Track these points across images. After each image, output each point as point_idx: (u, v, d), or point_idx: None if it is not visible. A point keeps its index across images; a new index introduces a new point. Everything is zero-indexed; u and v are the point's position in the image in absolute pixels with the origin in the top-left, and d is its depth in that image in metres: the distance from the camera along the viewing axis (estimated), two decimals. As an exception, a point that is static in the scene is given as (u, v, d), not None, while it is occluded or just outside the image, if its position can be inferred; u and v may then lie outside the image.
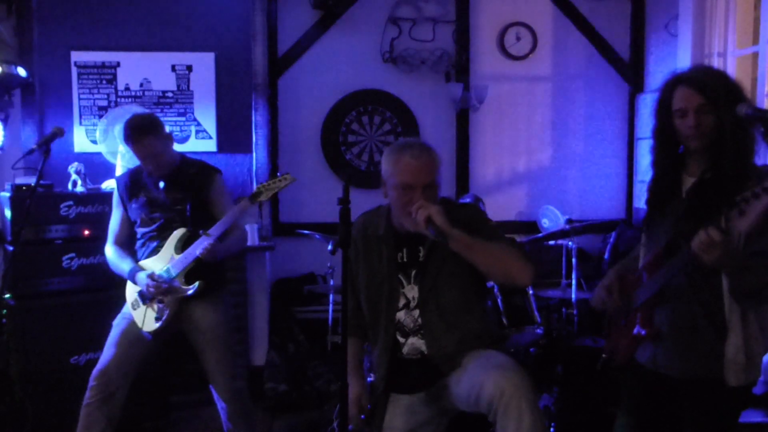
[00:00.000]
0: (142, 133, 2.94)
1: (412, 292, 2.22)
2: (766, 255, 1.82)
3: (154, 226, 3.05)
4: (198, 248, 2.89)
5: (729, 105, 1.87)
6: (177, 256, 2.97)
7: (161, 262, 3.00)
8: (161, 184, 3.04)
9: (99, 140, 4.27)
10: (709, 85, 1.93)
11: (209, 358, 3.08)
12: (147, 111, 3.15)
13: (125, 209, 3.11)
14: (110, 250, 3.14)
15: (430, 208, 2.04)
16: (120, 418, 3.05)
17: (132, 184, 3.10)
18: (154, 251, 3.04)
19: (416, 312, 2.21)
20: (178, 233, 3.00)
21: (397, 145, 2.23)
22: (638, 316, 2.08)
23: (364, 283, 2.28)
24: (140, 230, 3.08)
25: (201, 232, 2.90)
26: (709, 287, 1.91)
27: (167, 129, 3.09)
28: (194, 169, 3.13)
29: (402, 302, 2.23)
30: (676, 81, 2.00)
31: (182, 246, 2.99)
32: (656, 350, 2.05)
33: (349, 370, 2.21)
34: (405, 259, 2.23)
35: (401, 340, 2.23)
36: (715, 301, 1.92)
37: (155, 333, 3.00)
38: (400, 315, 2.23)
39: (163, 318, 2.97)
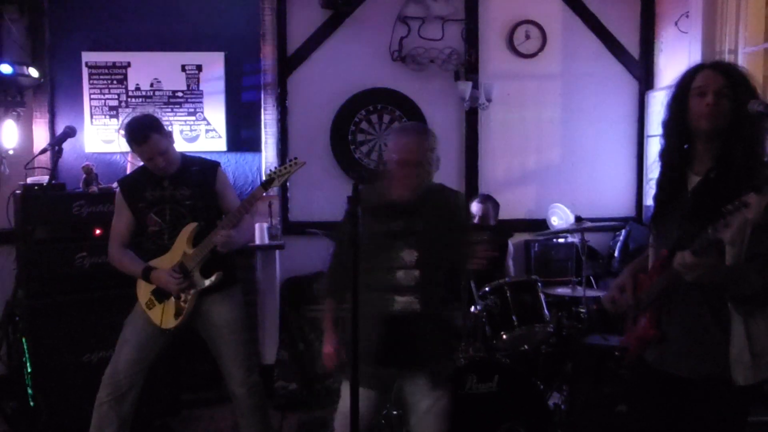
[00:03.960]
0: (149, 131, 2.96)
1: (410, 256, 2.45)
2: (759, 260, 1.82)
3: (164, 224, 3.07)
4: (214, 237, 2.91)
5: (748, 97, 1.88)
6: (190, 251, 2.99)
7: (173, 258, 3.02)
8: (166, 182, 3.07)
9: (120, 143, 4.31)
10: (733, 71, 1.96)
11: (226, 352, 3.11)
12: (146, 113, 3.15)
13: (132, 211, 3.12)
14: (117, 253, 3.14)
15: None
16: (133, 416, 3.08)
17: (137, 184, 3.11)
18: (165, 248, 3.06)
19: (416, 272, 2.44)
20: (189, 228, 3.02)
21: (397, 127, 2.52)
22: (647, 315, 2.08)
23: (363, 248, 2.45)
24: (149, 229, 3.10)
25: (218, 222, 2.93)
26: (713, 287, 1.90)
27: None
28: (196, 166, 3.15)
29: (399, 264, 2.46)
30: (700, 66, 2.03)
31: (194, 240, 3.01)
32: (664, 350, 2.05)
33: (327, 327, 2.61)
34: (402, 228, 2.47)
35: (396, 297, 2.45)
36: (721, 301, 1.91)
37: (174, 329, 3.03)
38: (400, 274, 2.45)
39: (183, 313, 2.99)
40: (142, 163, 3.15)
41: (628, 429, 2.23)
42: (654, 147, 4.88)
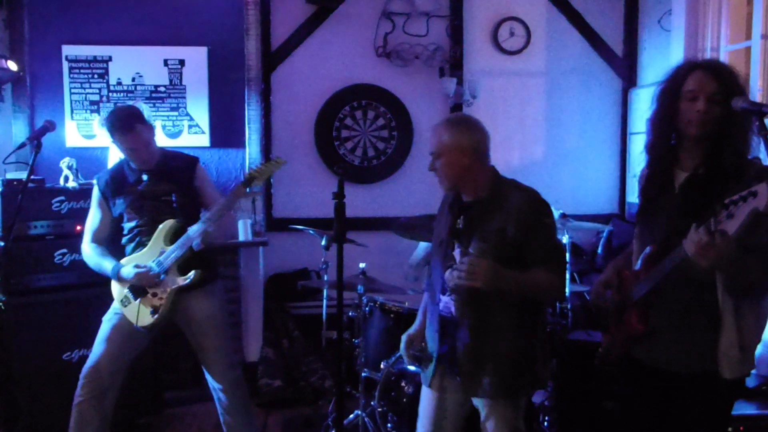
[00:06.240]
0: (132, 122, 2.92)
1: (458, 255, 2.32)
2: (756, 251, 1.82)
3: (142, 220, 3.03)
4: (193, 233, 2.88)
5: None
6: (167, 248, 2.95)
7: (151, 255, 2.98)
8: (145, 177, 3.02)
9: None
10: (726, 76, 1.94)
11: (207, 348, 3.08)
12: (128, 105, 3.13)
13: (109, 207, 3.07)
14: (89, 248, 3.10)
15: (477, 280, 2.11)
16: (113, 414, 3.04)
17: (115, 180, 3.07)
18: (143, 244, 3.02)
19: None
20: (166, 225, 2.98)
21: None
22: (635, 312, 2.08)
23: (434, 244, 2.49)
24: (127, 225, 3.05)
25: (202, 213, 2.90)
26: (703, 282, 1.91)
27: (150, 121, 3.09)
28: (176, 161, 3.12)
29: (450, 263, 2.31)
30: (692, 65, 1.99)
31: (171, 237, 2.97)
32: (652, 345, 2.05)
33: (419, 313, 2.56)
34: (461, 226, 2.34)
35: (440, 297, 2.34)
36: (710, 295, 1.92)
37: (150, 327, 2.98)
38: (447, 273, 2.28)
39: (159, 311, 2.95)
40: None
41: (616, 425, 2.23)
42: (637, 144, 4.91)
